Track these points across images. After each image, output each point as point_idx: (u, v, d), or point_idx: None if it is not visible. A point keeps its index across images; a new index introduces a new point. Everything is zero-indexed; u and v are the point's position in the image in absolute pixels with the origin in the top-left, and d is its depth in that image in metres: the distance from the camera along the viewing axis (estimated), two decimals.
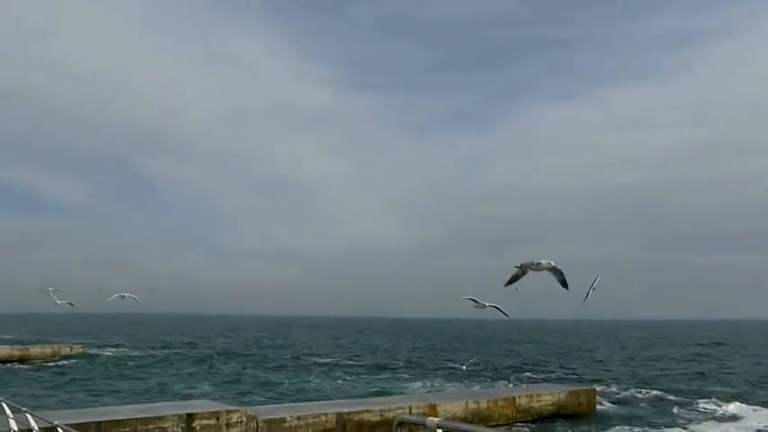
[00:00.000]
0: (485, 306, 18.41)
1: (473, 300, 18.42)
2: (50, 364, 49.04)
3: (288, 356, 59.19)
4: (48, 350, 54.73)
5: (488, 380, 39.84)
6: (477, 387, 35.30)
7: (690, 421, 25.06)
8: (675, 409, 27.75)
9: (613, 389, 33.52)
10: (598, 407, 26.16)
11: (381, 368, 48.25)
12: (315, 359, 56.49)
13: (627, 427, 23.32)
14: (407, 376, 42.05)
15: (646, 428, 23.36)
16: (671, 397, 31.57)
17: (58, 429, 8.57)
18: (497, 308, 18.75)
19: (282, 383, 37.41)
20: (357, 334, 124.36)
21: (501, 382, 34.87)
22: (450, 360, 57.00)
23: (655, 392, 33.00)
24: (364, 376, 42.08)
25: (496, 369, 48.13)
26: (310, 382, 38.52)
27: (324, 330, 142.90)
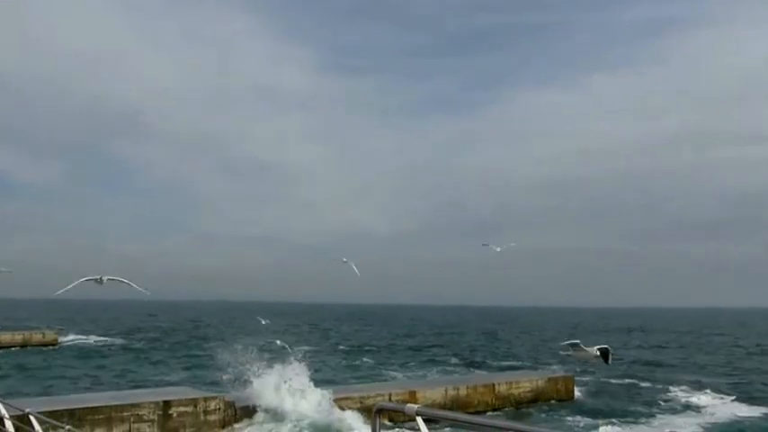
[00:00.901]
0: (594, 354, 17.46)
1: (575, 345, 17.46)
2: (22, 350, 48.23)
3: (264, 342, 58.87)
4: (18, 337, 53.68)
5: (467, 367, 39.99)
6: (456, 374, 35.37)
7: (663, 409, 25.32)
8: (650, 398, 28.03)
9: (591, 376, 33.73)
10: (576, 394, 26.28)
11: (360, 355, 48.17)
12: (293, 346, 56.27)
13: (603, 415, 23.43)
14: (386, 363, 41.98)
15: (621, 416, 23.50)
16: (646, 385, 31.93)
17: (30, 417, 8.30)
18: (606, 351, 17.89)
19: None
20: (335, 321, 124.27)
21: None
22: (431, 347, 57.19)
23: (630, 380, 33.34)
24: (343, 363, 41.94)
25: (474, 357, 48.38)
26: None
27: (301, 317, 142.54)
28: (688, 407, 26.20)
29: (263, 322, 42.32)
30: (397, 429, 18.23)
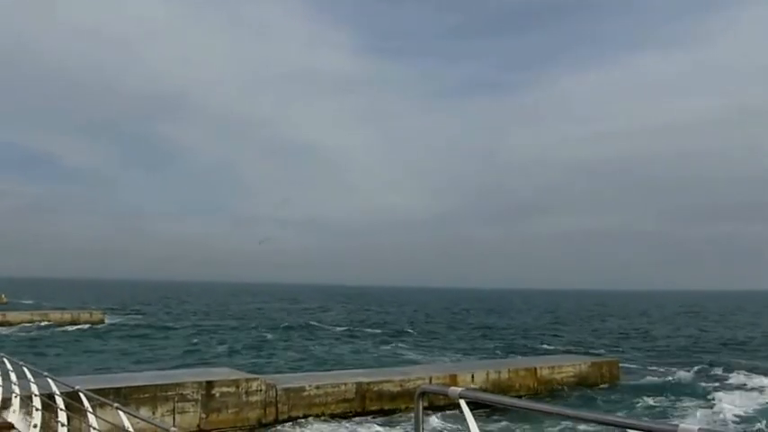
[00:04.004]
0: None
1: None
2: (70, 329, 49.55)
3: (305, 324, 59.48)
4: (67, 316, 55.28)
5: (506, 352, 39.80)
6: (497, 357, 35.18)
7: (715, 394, 24.54)
8: (701, 381, 27.25)
9: (636, 360, 33.09)
10: (621, 378, 25.77)
11: (399, 338, 48.25)
12: (332, 327, 56.76)
13: (651, 400, 22.85)
14: (424, 346, 41.94)
15: (671, 401, 22.86)
16: (695, 368, 30.87)
17: (80, 394, 8.49)
18: None
19: (306, 350, 37.52)
20: (375, 303, 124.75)
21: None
22: (481, 332, 57.07)
23: (678, 364, 32.50)
24: (382, 346, 42.06)
25: (518, 339, 48.12)
26: (318, 349, 38.43)
27: (342, 299, 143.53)
28: (740, 389, 25.29)
29: None
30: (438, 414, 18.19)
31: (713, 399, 23.24)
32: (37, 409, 10.40)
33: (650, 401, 22.51)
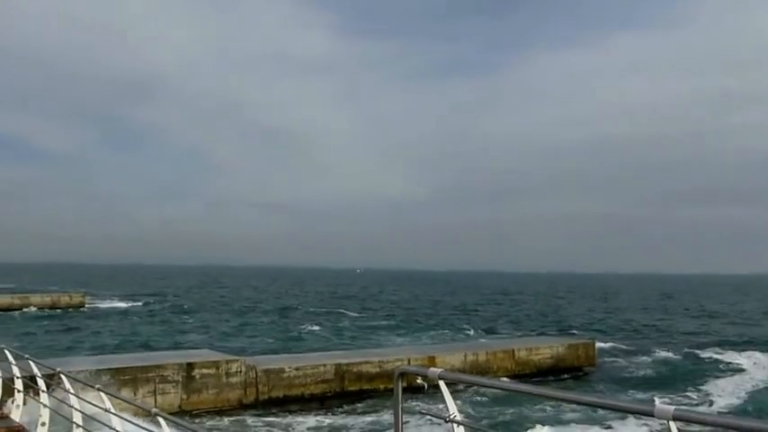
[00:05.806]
0: None
1: None
2: (50, 312, 49.20)
3: (281, 306, 59.58)
4: (47, 299, 54.82)
5: (485, 333, 40.24)
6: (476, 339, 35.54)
7: (692, 374, 25.09)
8: (676, 361, 27.85)
9: (612, 341, 33.60)
10: (597, 360, 26.21)
11: (377, 320, 48.52)
12: (309, 309, 56.91)
13: (627, 380, 23.38)
14: (402, 329, 42.22)
15: (647, 381, 23.38)
16: (668, 349, 31.59)
17: (61, 376, 8.55)
18: None
19: (283, 332, 37.63)
20: (350, 285, 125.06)
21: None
22: (452, 313, 57.51)
23: (653, 344, 33.15)
24: (359, 328, 42.30)
25: (494, 323, 48.59)
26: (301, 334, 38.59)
27: (318, 282, 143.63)
28: (719, 368, 25.90)
29: None
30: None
31: (690, 378, 23.82)
32: (19, 391, 10.47)
33: (626, 382, 22.99)
